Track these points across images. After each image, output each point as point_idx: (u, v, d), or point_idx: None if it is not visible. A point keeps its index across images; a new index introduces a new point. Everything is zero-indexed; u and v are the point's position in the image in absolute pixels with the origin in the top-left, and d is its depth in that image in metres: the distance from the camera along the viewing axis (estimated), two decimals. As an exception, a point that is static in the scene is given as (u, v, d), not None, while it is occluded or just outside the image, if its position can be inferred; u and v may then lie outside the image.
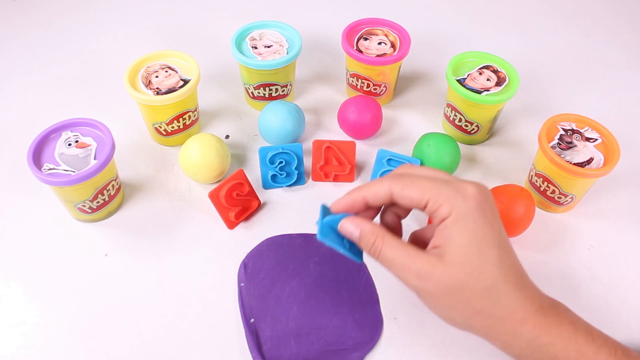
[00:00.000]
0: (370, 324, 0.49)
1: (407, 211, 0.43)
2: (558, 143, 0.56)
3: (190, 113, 0.63)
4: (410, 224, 0.57)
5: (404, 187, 0.39)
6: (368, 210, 0.42)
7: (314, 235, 0.53)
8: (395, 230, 0.43)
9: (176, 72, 0.61)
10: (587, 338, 0.37)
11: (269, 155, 0.58)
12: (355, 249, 0.41)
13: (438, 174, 0.41)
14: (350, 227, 0.40)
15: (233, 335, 0.48)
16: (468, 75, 0.62)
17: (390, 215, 0.43)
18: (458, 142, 0.62)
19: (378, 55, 0.65)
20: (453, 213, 0.37)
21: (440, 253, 0.37)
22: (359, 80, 0.68)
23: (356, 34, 0.68)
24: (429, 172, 0.41)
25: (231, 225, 0.56)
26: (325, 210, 0.42)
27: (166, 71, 0.61)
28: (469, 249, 0.37)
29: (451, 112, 0.64)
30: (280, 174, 0.59)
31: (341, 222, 0.41)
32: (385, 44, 0.67)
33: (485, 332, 0.38)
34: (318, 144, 0.59)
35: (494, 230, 0.38)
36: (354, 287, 0.51)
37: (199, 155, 0.57)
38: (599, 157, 0.54)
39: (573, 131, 0.57)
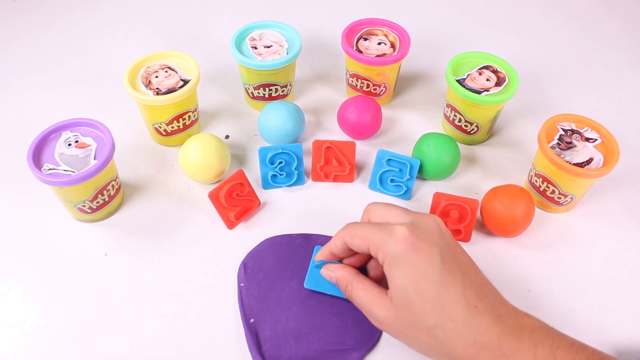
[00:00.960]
0: (370, 324, 0.48)
1: None
2: (558, 143, 0.56)
3: (190, 113, 0.63)
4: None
5: (352, 236, 0.43)
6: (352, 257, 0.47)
7: (314, 235, 0.55)
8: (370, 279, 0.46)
9: (176, 72, 0.61)
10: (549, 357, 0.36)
11: (269, 155, 0.58)
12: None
13: (384, 218, 0.44)
14: (326, 273, 0.46)
15: (233, 335, 0.48)
16: (468, 75, 0.62)
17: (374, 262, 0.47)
18: (458, 142, 0.62)
19: (378, 56, 0.65)
20: (386, 259, 0.40)
21: (390, 297, 0.40)
22: (359, 80, 0.68)
23: (356, 34, 0.68)
24: (376, 218, 0.45)
25: (231, 225, 0.56)
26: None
27: (166, 71, 0.61)
28: (407, 291, 0.39)
29: (451, 112, 0.64)
30: (280, 174, 0.59)
31: (320, 271, 0.47)
32: (385, 44, 0.67)
33: (447, 351, 0.38)
34: (318, 144, 0.59)
35: (432, 267, 0.38)
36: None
37: (199, 156, 0.57)
38: (598, 157, 0.55)
39: (573, 131, 0.57)
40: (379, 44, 0.67)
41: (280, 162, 0.59)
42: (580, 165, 0.54)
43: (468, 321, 0.37)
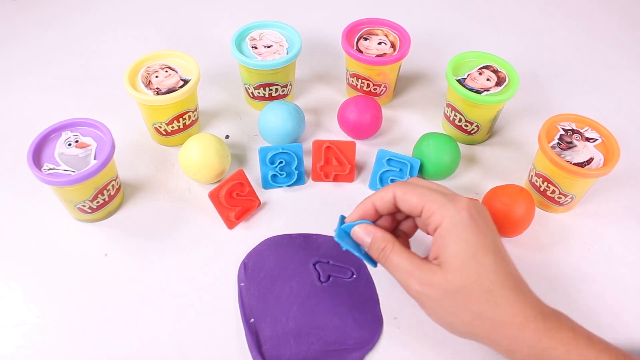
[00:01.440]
0: (370, 324, 0.49)
1: (413, 228, 0.47)
2: (558, 143, 0.56)
3: (190, 113, 0.63)
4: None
5: (405, 191, 0.42)
6: (381, 220, 0.46)
7: (314, 235, 0.55)
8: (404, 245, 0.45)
9: (176, 72, 0.61)
10: (587, 343, 0.37)
11: (269, 155, 0.58)
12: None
13: (439, 187, 0.44)
14: (362, 233, 0.44)
15: (233, 335, 0.48)
16: (468, 75, 0.62)
17: (399, 232, 0.47)
18: (458, 142, 0.62)
19: (378, 55, 0.65)
20: (445, 221, 0.40)
21: (439, 262, 0.40)
22: (359, 80, 0.68)
23: (356, 34, 0.68)
24: (431, 184, 0.44)
25: (231, 225, 0.56)
26: (342, 220, 0.46)
27: (166, 71, 0.61)
28: (465, 255, 0.39)
29: (451, 112, 0.64)
30: (280, 174, 0.59)
31: (354, 229, 0.44)
32: (385, 44, 0.67)
33: (486, 337, 0.39)
34: (318, 144, 0.59)
35: (488, 240, 0.39)
36: (354, 287, 0.51)
37: (199, 155, 0.57)
38: (599, 157, 0.54)
39: (573, 131, 0.57)
40: (379, 43, 0.67)
41: (281, 162, 0.59)
42: (581, 165, 0.54)
43: (517, 292, 0.38)
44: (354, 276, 0.52)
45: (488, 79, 0.62)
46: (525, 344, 0.37)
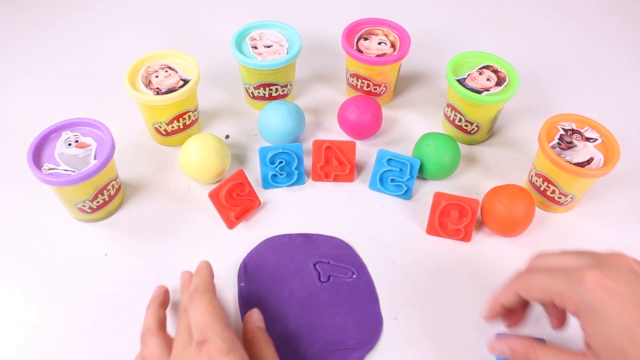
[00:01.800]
0: (370, 324, 0.49)
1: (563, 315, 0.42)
2: (558, 143, 0.56)
3: (190, 113, 0.63)
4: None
5: (528, 288, 0.38)
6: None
7: (314, 235, 0.55)
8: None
9: (176, 72, 0.61)
10: None
11: (269, 155, 0.58)
12: None
13: (561, 259, 0.39)
14: (500, 345, 0.41)
15: (233, 335, 0.48)
16: (468, 75, 0.62)
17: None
18: (458, 142, 0.62)
19: (378, 55, 0.65)
20: (581, 310, 0.35)
21: (595, 351, 0.35)
22: (359, 80, 0.68)
23: (356, 34, 0.68)
24: (552, 259, 0.39)
25: (231, 225, 0.56)
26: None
27: (166, 71, 0.61)
28: (619, 344, 0.33)
29: (451, 112, 0.64)
30: (280, 174, 0.59)
31: (491, 343, 0.41)
32: (385, 44, 0.67)
33: None
34: (318, 144, 0.59)
35: (636, 307, 0.33)
36: (354, 287, 0.51)
37: (199, 155, 0.57)
38: (599, 157, 0.54)
39: (573, 131, 0.57)
40: (379, 43, 0.67)
41: (281, 162, 0.59)
42: (581, 165, 0.54)
43: None
44: (354, 276, 0.52)
45: (488, 79, 0.62)
46: None
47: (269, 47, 0.66)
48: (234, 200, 0.55)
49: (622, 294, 0.33)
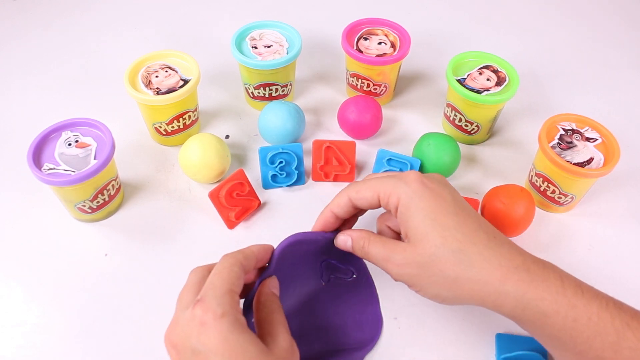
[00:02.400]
0: (370, 324, 0.48)
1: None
2: (558, 143, 0.56)
3: (190, 113, 0.63)
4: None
5: (358, 190, 0.43)
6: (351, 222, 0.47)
7: (313, 233, 0.48)
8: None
9: (176, 72, 0.61)
10: (576, 292, 0.36)
11: (269, 155, 0.58)
12: None
13: (391, 173, 0.45)
14: (343, 237, 0.44)
15: (233, 335, 0.48)
16: (468, 75, 0.62)
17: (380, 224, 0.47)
18: (458, 142, 0.62)
19: (378, 55, 0.65)
20: (401, 200, 0.40)
21: (408, 238, 0.40)
22: (359, 80, 0.68)
23: (356, 34, 0.68)
24: (383, 174, 0.45)
25: (231, 225, 0.56)
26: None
27: (166, 71, 0.61)
28: (425, 223, 0.39)
29: (451, 112, 0.64)
30: (280, 174, 0.59)
31: (336, 241, 0.45)
32: (385, 44, 0.67)
33: (472, 298, 0.38)
34: (318, 144, 0.59)
35: (447, 202, 0.40)
36: (354, 287, 0.51)
37: (199, 155, 0.57)
38: (599, 157, 0.54)
39: (573, 131, 0.57)
40: (379, 43, 0.67)
41: (281, 162, 0.59)
42: (581, 165, 0.54)
43: (491, 246, 0.38)
44: (354, 276, 0.51)
45: (488, 79, 0.62)
46: (510, 297, 0.37)
47: (269, 47, 0.66)
48: (234, 200, 0.55)
49: (433, 189, 0.40)
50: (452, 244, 0.38)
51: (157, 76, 0.61)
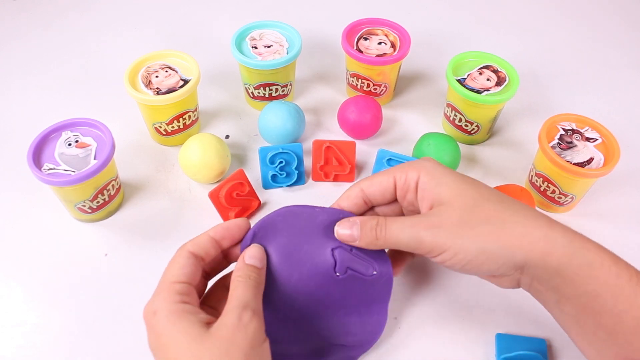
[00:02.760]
0: (374, 324, 0.46)
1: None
2: (558, 143, 0.56)
3: (190, 113, 0.63)
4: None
5: (371, 179, 0.42)
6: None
7: (340, 211, 0.45)
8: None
9: (176, 72, 0.61)
10: (613, 255, 0.37)
11: (269, 155, 0.58)
12: None
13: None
14: (345, 227, 0.41)
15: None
16: (468, 75, 0.62)
17: None
18: (458, 142, 0.62)
19: (378, 55, 0.65)
20: (422, 171, 0.40)
21: (438, 203, 0.39)
22: (359, 80, 0.68)
23: (356, 34, 0.68)
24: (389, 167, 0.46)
25: (231, 225, 0.56)
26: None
27: (166, 71, 0.61)
28: (457, 183, 0.39)
29: (451, 112, 0.64)
30: (280, 174, 0.59)
31: (335, 229, 0.42)
32: (385, 44, 0.67)
33: (520, 246, 0.36)
34: (318, 144, 0.59)
35: (469, 178, 0.41)
36: (370, 285, 0.45)
37: (199, 155, 0.57)
38: (599, 157, 0.54)
39: (573, 131, 0.57)
40: (379, 43, 0.67)
41: (281, 162, 0.59)
42: (581, 165, 0.54)
43: (530, 213, 0.38)
44: (375, 273, 0.44)
45: (488, 79, 0.62)
46: (559, 243, 0.36)
47: (269, 47, 0.66)
48: (234, 200, 0.55)
49: (449, 170, 0.41)
50: (491, 196, 0.38)
51: (157, 76, 0.61)
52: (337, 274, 0.43)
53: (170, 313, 0.34)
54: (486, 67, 0.63)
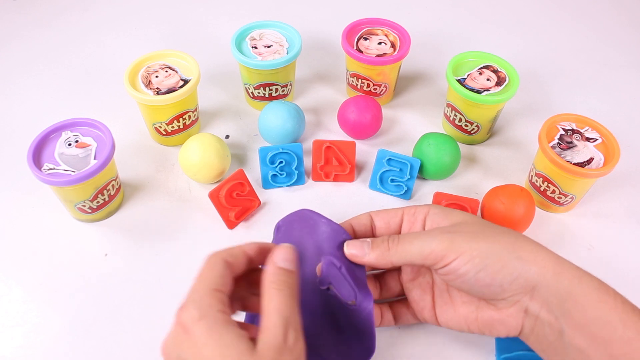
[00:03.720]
0: (370, 337, 0.41)
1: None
2: (558, 143, 0.56)
3: (190, 113, 0.63)
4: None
5: (380, 211, 0.45)
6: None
7: (339, 229, 0.44)
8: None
9: (176, 72, 0.61)
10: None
11: (269, 155, 0.58)
12: None
13: None
14: (356, 246, 0.41)
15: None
16: (468, 75, 0.62)
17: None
18: (458, 142, 0.62)
19: (378, 55, 0.65)
20: (432, 207, 0.42)
21: (454, 225, 0.41)
22: (359, 80, 0.68)
23: (356, 34, 0.68)
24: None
25: (231, 225, 0.56)
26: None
27: (166, 71, 0.61)
28: (468, 215, 0.42)
29: (451, 112, 0.64)
30: (280, 174, 0.59)
31: (345, 245, 0.42)
32: (385, 43, 0.67)
33: (534, 260, 0.37)
34: (318, 144, 0.59)
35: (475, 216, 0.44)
36: (350, 314, 0.42)
37: (199, 155, 0.57)
38: (599, 157, 0.54)
39: (573, 131, 0.57)
40: (379, 43, 0.67)
41: (281, 162, 0.59)
42: (581, 165, 0.54)
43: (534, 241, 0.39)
44: (353, 303, 0.41)
45: (488, 79, 0.62)
46: (567, 265, 0.38)
47: (269, 47, 0.66)
48: (234, 200, 0.55)
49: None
50: (498, 225, 0.41)
51: (157, 76, 0.61)
52: (321, 287, 0.42)
53: (216, 323, 0.32)
54: (486, 67, 0.63)
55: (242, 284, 0.39)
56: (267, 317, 0.33)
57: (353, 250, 0.41)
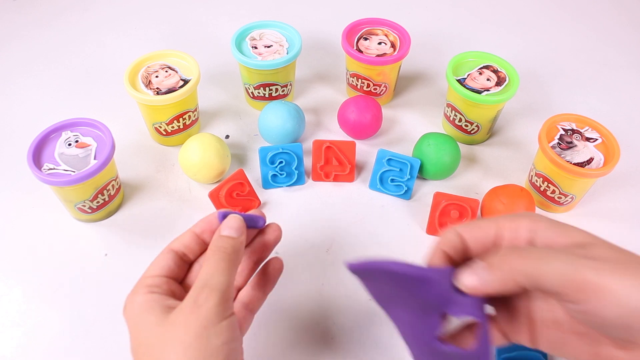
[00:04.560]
0: None
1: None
2: (558, 143, 0.56)
3: (190, 113, 0.63)
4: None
5: (471, 224, 0.33)
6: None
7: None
8: None
9: (176, 72, 0.61)
10: None
11: (269, 155, 0.58)
12: None
13: None
14: (468, 272, 0.31)
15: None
16: (468, 75, 0.62)
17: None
18: (458, 142, 0.62)
19: (378, 55, 0.65)
20: (536, 218, 0.31)
21: (579, 247, 0.30)
22: (359, 80, 0.68)
23: (356, 34, 0.68)
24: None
25: (231, 225, 0.56)
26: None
27: (166, 71, 0.61)
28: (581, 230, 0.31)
29: (451, 112, 0.64)
30: (280, 174, 0.59)
31: (459, 279, 0.31)
32: (385, 43, 0.67)
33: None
34: (318, 144, 0.59)
35: None
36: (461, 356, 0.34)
37: (199, 155, 0.57)
38: (599, 157, 0.55)
39: (573, 131, 0.57)
40: (379, 43, 0.67)
41: (281, 162, 0.59)
42: (581, 165, 0.54)
43: None
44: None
45: (488, 79, 0.62)
46: None
47: (269, 47, 0.66)
48: (234, 200, 0.55)
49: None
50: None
51: (157, 76, 0.61)
52: (436, 334, 0.33)
53: (134, 303, 0.35)
54: (486, 67, 0.63)
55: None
56: (194, 286, 0.34)
57: (470, 281, 0.30)
